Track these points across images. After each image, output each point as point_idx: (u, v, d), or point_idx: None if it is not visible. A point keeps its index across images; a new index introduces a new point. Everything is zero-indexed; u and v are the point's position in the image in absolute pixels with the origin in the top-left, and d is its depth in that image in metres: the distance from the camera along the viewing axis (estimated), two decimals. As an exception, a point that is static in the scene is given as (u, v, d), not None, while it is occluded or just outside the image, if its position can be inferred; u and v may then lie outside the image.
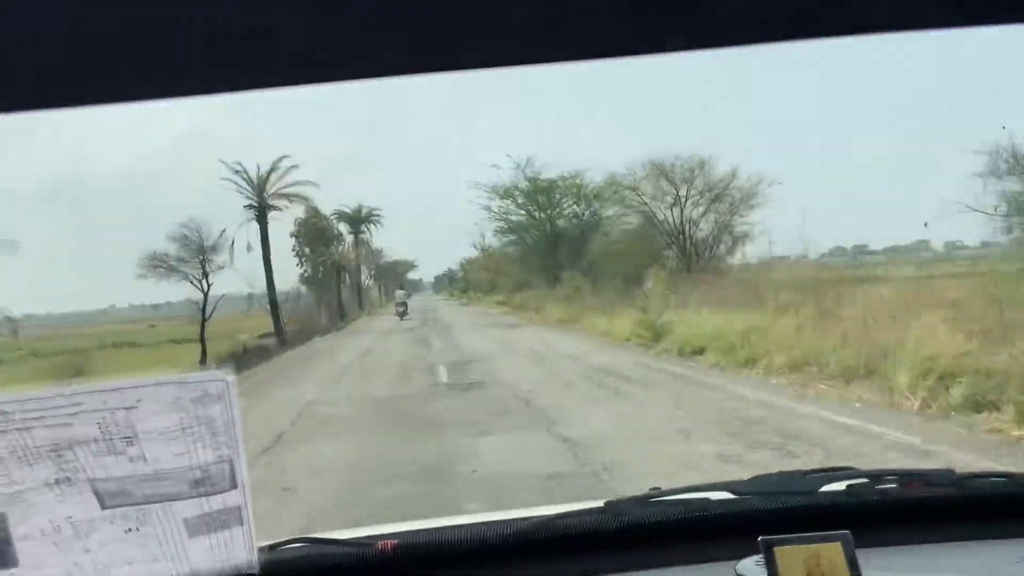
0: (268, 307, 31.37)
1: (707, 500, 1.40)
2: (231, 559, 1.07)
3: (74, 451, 0.87)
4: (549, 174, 37.35)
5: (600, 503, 1.42)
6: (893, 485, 1.43)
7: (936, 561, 1.22)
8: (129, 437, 0.88)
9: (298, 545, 1.31)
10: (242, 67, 0.79)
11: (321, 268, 43.88)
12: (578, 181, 35.94)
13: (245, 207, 31.23)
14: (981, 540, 1.31)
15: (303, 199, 33.57)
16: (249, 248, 30.88)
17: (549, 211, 37.35)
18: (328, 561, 1.30)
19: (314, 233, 43.31)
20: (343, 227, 48.71)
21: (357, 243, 50.67)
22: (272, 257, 31.77)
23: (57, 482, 0.89)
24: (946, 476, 1.41)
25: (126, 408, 0.86)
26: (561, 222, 37.34)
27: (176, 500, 0.99)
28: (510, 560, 1.33)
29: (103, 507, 0.96)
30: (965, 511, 1.39)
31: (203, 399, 0.89)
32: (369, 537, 1.35)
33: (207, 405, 0.89)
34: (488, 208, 38.80)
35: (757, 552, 1.09)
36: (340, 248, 46.05)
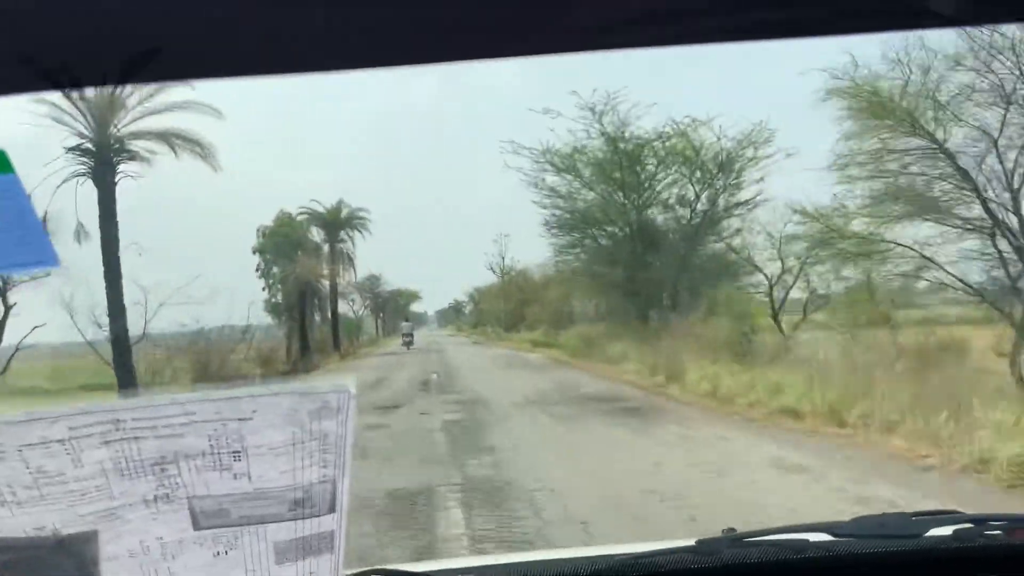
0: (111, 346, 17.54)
1: (805, 541, 1.31)
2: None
3: (179, 465, 0.78)
4: (640, 128, 21.74)
5: (691, 542, 1.33)
6: (1001, 532, 1.34)
7: None
8: (238, 451, 0.80)
9: None
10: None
11: (283, 289, 34.38)
12: (690, 142, 20.36)
13: (71, 151, 16.91)
14: None
15: (191, 143, 19.35)
16: (80, 233, 18.30)
17: (638, 194, 21.91)
18: None
19: (285, 245, 34.00)
20: (317, 233, 38.76)
21: (333, 254, 39.56)
22: (118, 248, 18.35)
23: (156, 499, 0.80)
24: None
25: (240, 419, 0.78)
26: (655, 213, 22.00)
27: (272, 522, 0.91)
28: None
29: (196, 527, 0.87)
30: None
31: (321, 411, 0.81)
32: (446, 571, 1.27)
33: (324, 418, 0.81)
34: (535, 185, 23.00)
35: None
36: (311, 261, 35.30)
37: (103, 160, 18.57)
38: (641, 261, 21.48)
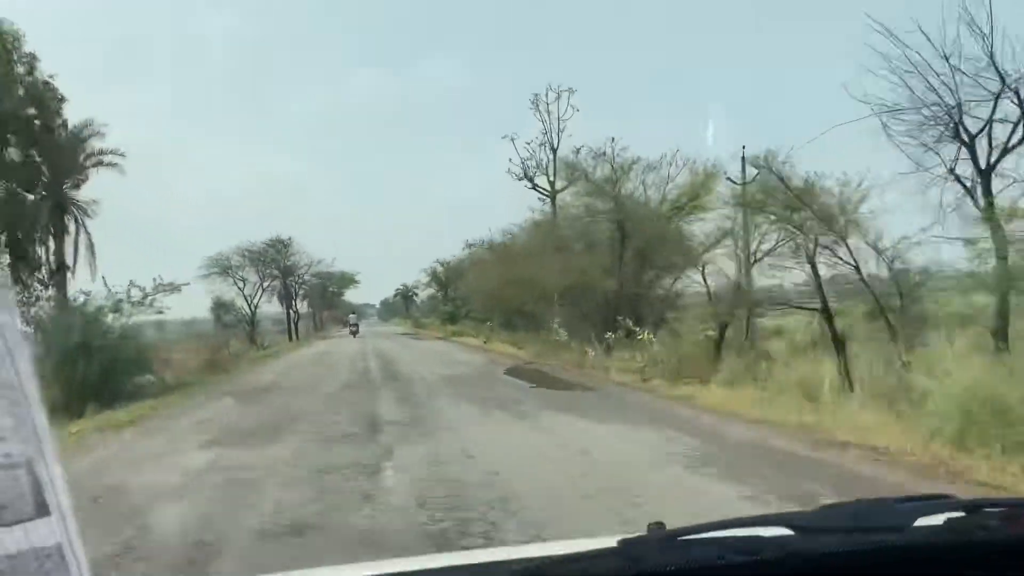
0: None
1: (759, 539, 1.02)
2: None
3: None
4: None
5: (613, 541, 1.03)
6: (999, 520, 1.06)
7: None
8: None
9: None
10: None
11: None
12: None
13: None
14: None
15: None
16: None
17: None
18: None
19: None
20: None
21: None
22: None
23: None
24: None
25: None
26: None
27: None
28: None
29: None
30: None
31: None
32: None
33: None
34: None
35: None
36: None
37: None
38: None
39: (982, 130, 11.28)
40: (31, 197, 23.83)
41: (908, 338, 11.74)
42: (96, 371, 13.38)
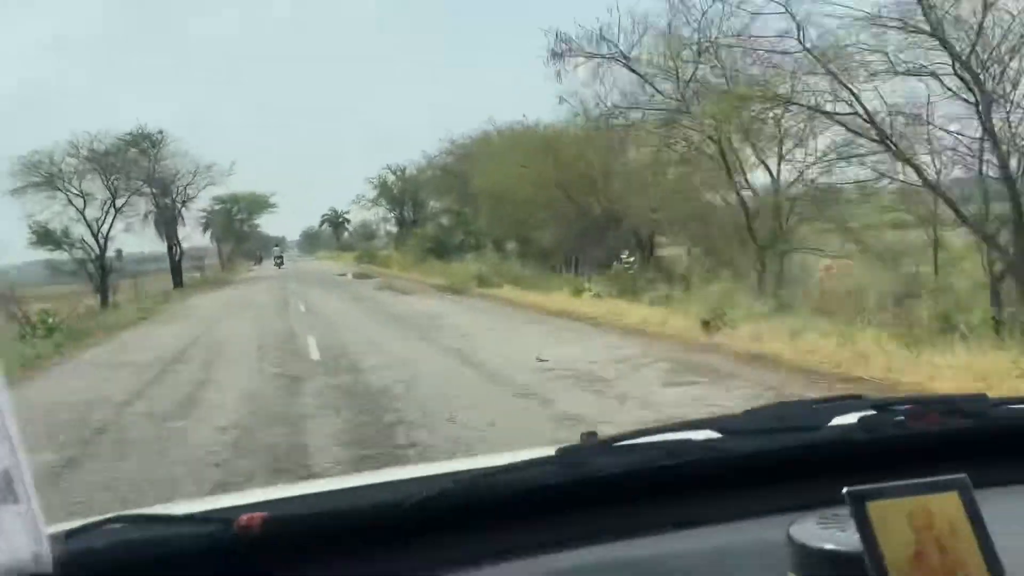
0: None
1: (688, 442, 1.07)
2: (7, 552, 0.66)
3: None
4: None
5: (551, 450, 1.06)
6: (909, 417, 1.14)
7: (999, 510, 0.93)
8: None
9: (117, 527, 0.89)
10: None
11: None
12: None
13: None
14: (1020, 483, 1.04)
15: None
16: None
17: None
18: (166, 546, 0.88)
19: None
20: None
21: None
22: None
23: None
24: (979, 402, 1.14)
25: None
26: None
27: None
28: (434, 528, 0.96)
29: None
30: (999, 445, 1.12)
31: None
32: (220, 510, 0.95)
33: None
34: None
35: (780, 509, 0.77)
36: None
37: None
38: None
39: None
40: None
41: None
42: None
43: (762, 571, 0.79)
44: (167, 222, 37.37)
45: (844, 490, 0.66)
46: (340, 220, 68.57)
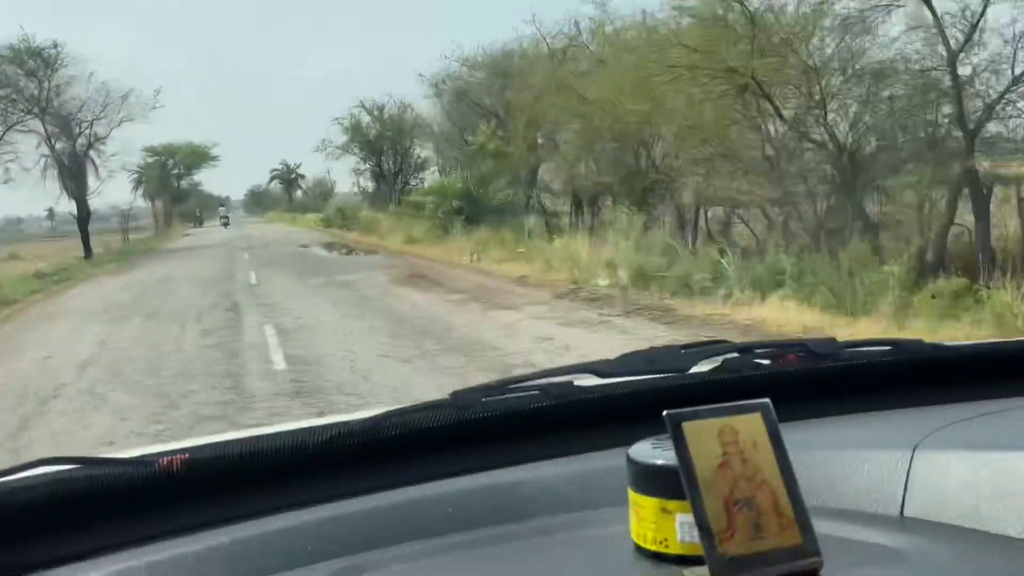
0: None
1: (568, 385, 1.19)
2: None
3: None
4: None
5: (445, 397, 1.17)
6: (771, 360, 1.28)
7: (824, 437, 1.07)
8: None
9: (47, 470, 0.97)
10: None
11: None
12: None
13: None
14: (868, 412, 1.18)
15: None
16: None
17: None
18: (94, 485, 0.98)
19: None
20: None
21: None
22: None
23: None
24: (829, 346, 1.28)
25: None
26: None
27: None
28: (337, 468, 1.07)
29: None
30: (850, 382, 1.26)
31: None
32: (148, 455, 1.04)
33: None
34: None
35: (638, 437, 0.89)
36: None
37: None
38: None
39: None
40: None
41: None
42: None
43: (614, 488, 0.91)
44: (72, 173, 28.25)
45: (664, 413, 0.78)
46: (292, 176, 56.14)
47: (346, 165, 44.09)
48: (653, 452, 0.82)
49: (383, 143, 35.84)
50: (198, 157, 41.82)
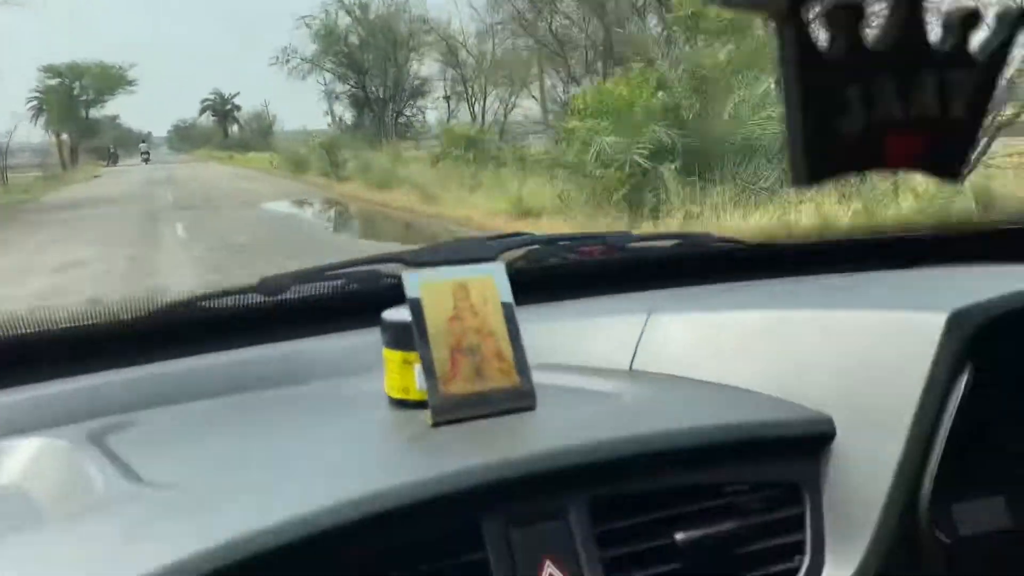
0: None
1: (376, 272, 1.26)
2: None
3: None
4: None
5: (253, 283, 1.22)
6: (567, 250, 1.37)
7: (591, 309, 1.18)
8: None
9: None
10: None
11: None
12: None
13: None
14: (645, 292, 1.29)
15: None
16: None
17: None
18: None
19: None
20: None
21: None
22: None
23: None
24: (624, 239, 1.38)
25: None
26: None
27: None
28: (137, 347, 1.12)
29: None
30: (638, 270, 1.37)
31: None
32: None
33: None
34: None
35: None
36: None
37: None
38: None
39: None
40: None
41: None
42: None
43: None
44: None
45: (402, 272, 0.86)
46: (228, 108, 45.03)
47: (309, 91, 33.79)
48: (399, 312, 0.91)
49: (368, 55, 25.42)
50: (111, 80, 34.15)
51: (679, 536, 0.75)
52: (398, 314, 0.91)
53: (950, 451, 0.90)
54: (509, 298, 0.89)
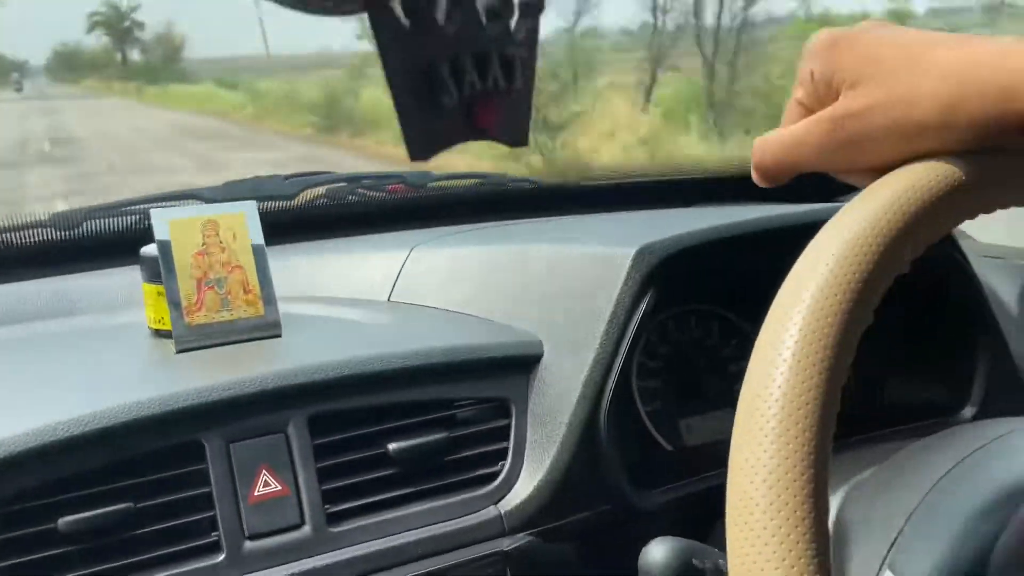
0: None
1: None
2: None
3: None
4: None
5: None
6: (368, 188, 1.43)
7: (361, 246, 1.25)
8: None
9: None
10: None
11: None
12: None
13: None
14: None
15: None
16: None
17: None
18: None
19: None
20: None
21: None
22: None
23: None
24: (425, 177, 1.44)
25: None
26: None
27: None
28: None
29: None
30: (434, 208, 1.44)
31: None
32: None
33: None
34: None
35: None
36: None
37: None
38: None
39: None
40: None
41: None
42: None
43: None
44: None
45: (151, 209, 0.92)
46: (126, 25, 35.39)
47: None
48: (151, 247, 0.95)
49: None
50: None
51: (391, 446, 0.84)
52: (155, 249, 0.96)
53: (682, 375, 1.03)
54: (259, 235, 0.95)
